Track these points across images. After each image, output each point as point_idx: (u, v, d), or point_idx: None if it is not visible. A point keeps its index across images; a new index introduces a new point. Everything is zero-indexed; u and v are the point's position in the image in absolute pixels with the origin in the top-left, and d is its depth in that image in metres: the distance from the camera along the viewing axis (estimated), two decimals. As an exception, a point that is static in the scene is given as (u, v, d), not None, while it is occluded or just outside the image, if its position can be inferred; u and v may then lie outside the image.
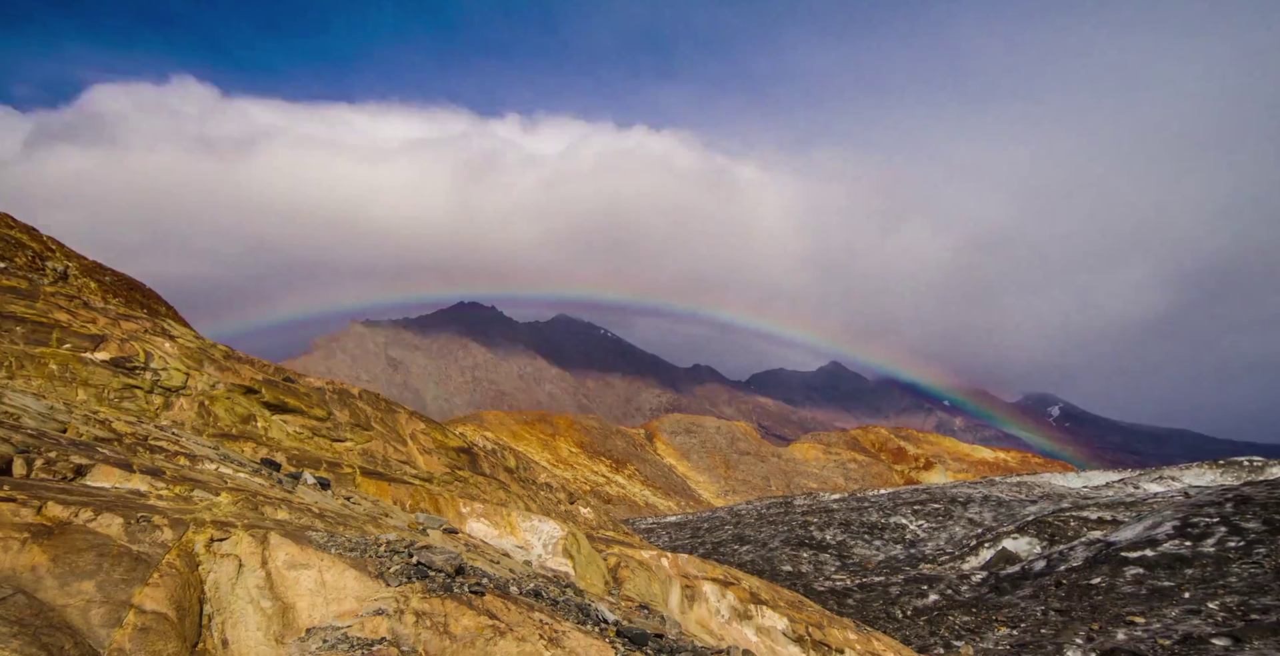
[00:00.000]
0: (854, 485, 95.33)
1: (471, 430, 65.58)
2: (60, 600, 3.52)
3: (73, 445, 5.60)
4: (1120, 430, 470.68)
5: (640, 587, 9.38)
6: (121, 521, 4.06)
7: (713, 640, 9.23)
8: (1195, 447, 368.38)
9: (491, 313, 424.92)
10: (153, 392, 9.76)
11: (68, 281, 14.80)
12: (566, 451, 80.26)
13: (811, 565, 25.83)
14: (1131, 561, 17.72)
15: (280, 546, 4.34)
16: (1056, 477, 42.22)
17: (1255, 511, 18.45)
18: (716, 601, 10.19)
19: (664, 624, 7.66)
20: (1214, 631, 12.77)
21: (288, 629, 4.00)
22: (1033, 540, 24.52)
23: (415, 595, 4.28)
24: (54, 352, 9.08)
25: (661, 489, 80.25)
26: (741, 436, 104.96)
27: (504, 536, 8.95)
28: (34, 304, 10.24)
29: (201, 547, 4.16)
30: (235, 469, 6.63)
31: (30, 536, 3.72)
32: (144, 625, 3.57)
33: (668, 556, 10.77)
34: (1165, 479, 38.00)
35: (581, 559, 8.95)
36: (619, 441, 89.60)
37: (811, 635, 10.11)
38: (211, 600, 3.98)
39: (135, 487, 4.99)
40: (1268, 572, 15.20)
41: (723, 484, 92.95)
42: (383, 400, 15.17)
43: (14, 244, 14.64)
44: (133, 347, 10.20)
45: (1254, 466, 38.03)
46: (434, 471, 13.52)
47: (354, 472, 9.97)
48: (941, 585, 20.92)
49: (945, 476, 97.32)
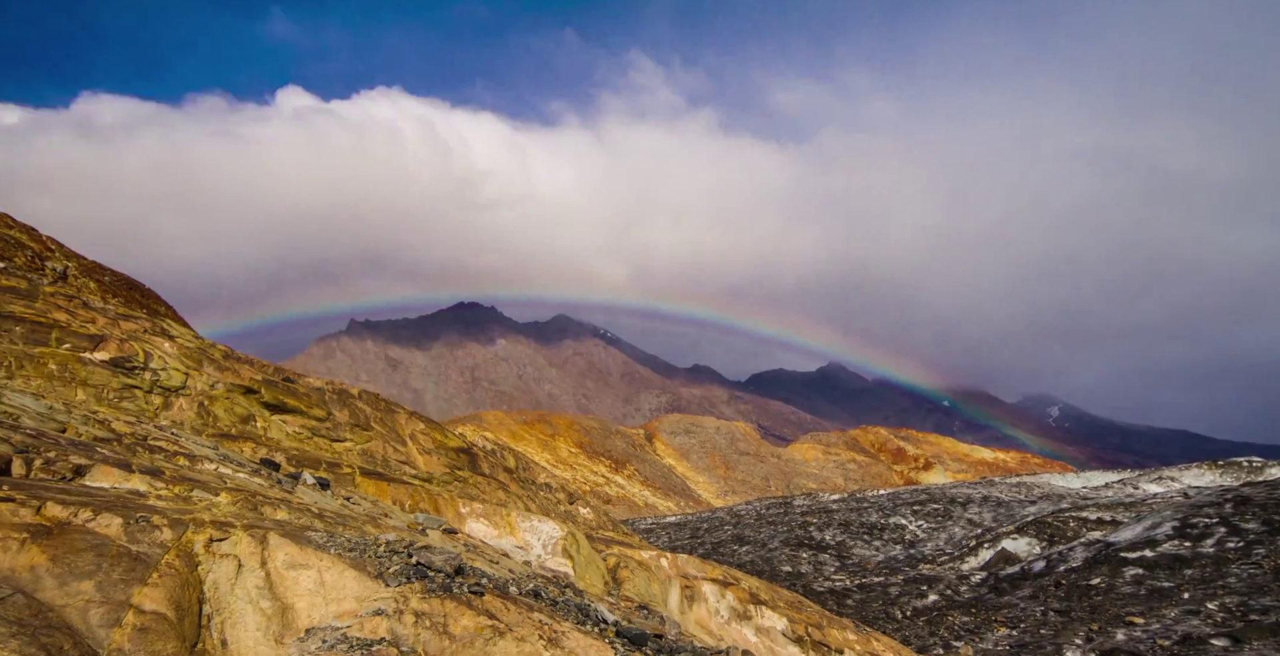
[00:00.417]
0: (853, 485, 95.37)
1: (471, 430, 65.60)
2: (59, 600, 3.52)
3: (72, 445, 5.60)
4: (1119, 430, 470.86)
5: (640, 588, 9.38)
6: (121, 521, 4.06)
7: (712, 640, 9.23)
8: (1194, 448, 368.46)
9: (491, 313, 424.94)
10: (152, 392, 9.76)
11: (67, 281, 14.80)
12: (566, 452, 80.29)
13: (811, 565, 25.84)
14: (1131, 562, 17.73)
15: (280, 546, 4.34)
16: (1056, 478, 42.27)
17: (1254, 512, 18.47)
18: (716, 601, 10.19)
19: (663, 624, 7.66)
20: (1213, 632, 12.78)
21: (287, 629, 4.00)
22: (1032, 540, 24.54)
23: (415, 595, 4.28)
24: (53, 352, 9.08)
25: (661, 489, 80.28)
26: (741, 437, 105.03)
27: (503, 537, 8.95)
28: (33, 304, 10.24)
29: (201, 548, 4.16)
30: (234, 469, 6.62)
31: (29, 536, 3.72)
32: (143, 625, 3.57)
33: (667, 556, 10.77)
34: (1164, 479, 38.05)
35: (581, 559, 8.95)
36: (618, 442, 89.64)
37: (811, 635, 10.11)
38: (211, 600, 3.98)
39: (134, 487, 4.99)
40: (1267, 573, 15.20)
41: (722, 484, 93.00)
42: (382, 400, 15.17)
43: (13, 244, 14.65)
44: (132, 347, 10.20)
45: (1253, 467, 38.08)
46: (433, 471, 13.52)
47: (353, 473, 9.97)
48: (941, 585, 20.93)
49: (945, 477, 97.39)
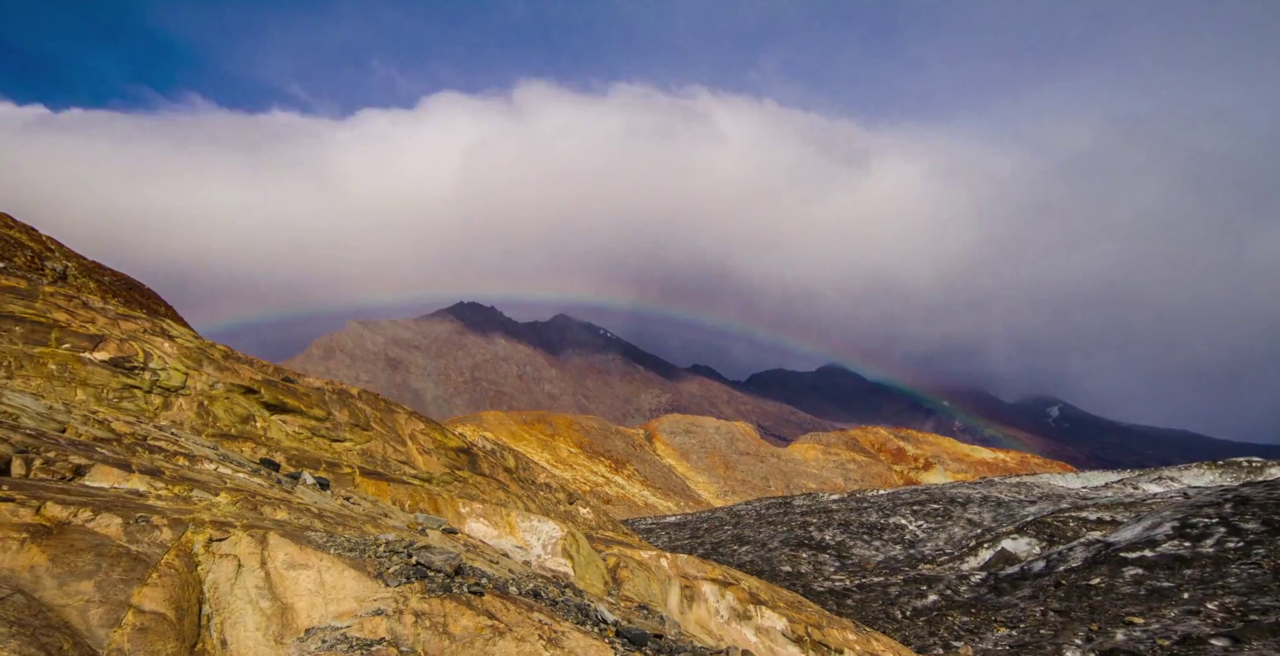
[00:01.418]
0: (853, 485, 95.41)
1: (471, 430, 65.57)
2: (59, 600, 3.52)
3: (71, 445, 5.60)
4: (1119, 431, 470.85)
5: (639, 588, 9.38)
6: (120, 521, 4.06)
7: (712, 640, 9.23)
8: (1194, 448, 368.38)
9: (491, 313, 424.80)
10: (152, 392, 9.76)
11: (67, 281, 14.80)
12: (566, 451, 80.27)
13: (811, 565, 25.84)
14: (1131, 562, 17.73)
15: (279, 546, 4.34)
16: (1055, 478, 42.28)
17: (1254, 512, 18.47)
18: (716, 601, 10.19)
19: (663, 624, 7.66)
20: (1213, 632, 12.78)
21: (287, 629, 4.00)
22: (1032, 541, 24.54)
23: (414, 595, 4.28)
24: (53, 352, 9.07)
25: (661, 489, 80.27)
26: (741, 437, 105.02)
27: (503, 536, 8.94)
28: (33, 304, 10.23)
29: (200, 548, 4.16)
30: (234, 469, 6.62)
31: (29, 536, 3.72)
32: (143, 625, 3.57)
33: (667, 556, 10.76)
34: (1164, 479, 38.06)
35: (581, 559, 8.95)
36: (618, 441, 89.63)
37: (811, 635, 10.11)
38: (210, 600, 3.98)
39: (134, 487, 4.99)
40: (1266, 573, 15.21)
41: (722, 484, 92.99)
42: (382, 400, 15.17)
43: (13, 243, 14.64)
44: (132, 347, 10.19)
45: (1253, 467, 38.10)
46: (433, 471, 13.51)
47: (353, 473, 9.96)
48: (941, 585, 20.93)
49: (944, 477, 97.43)
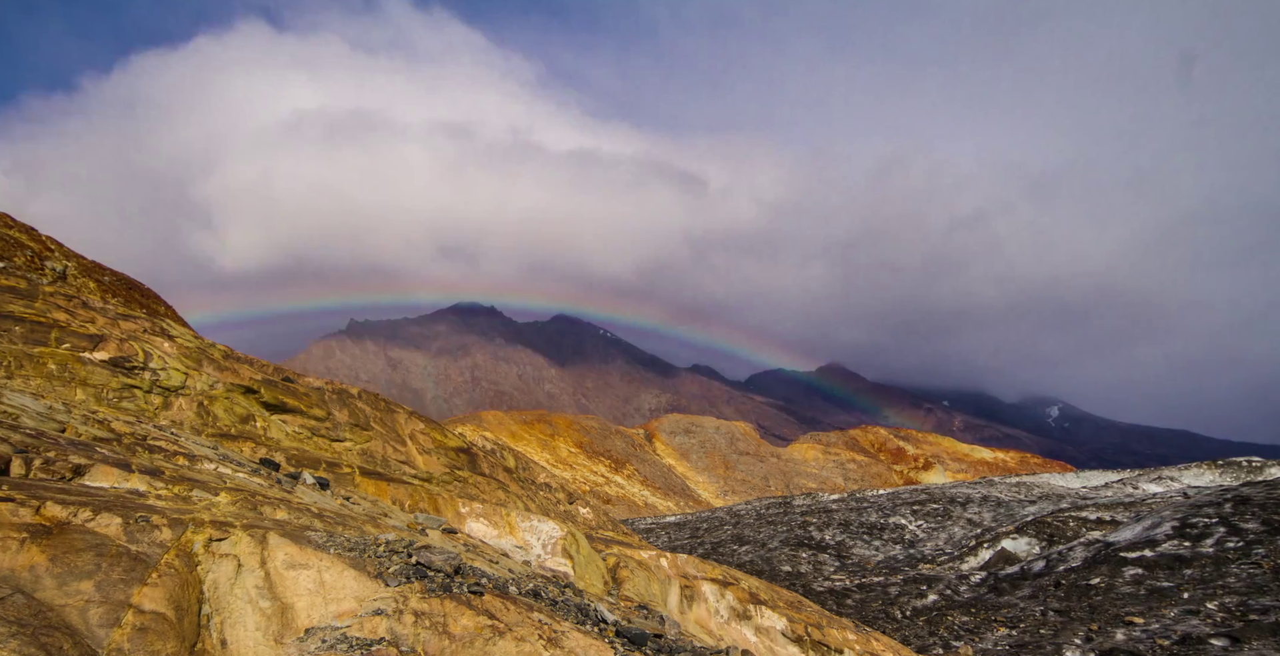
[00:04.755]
0: (853, 485, 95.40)
1: (471, 430, 65.56)
2: (59, 600, 3.52)
3: (71, 445, 5.60)
4: (1119, 430, 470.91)
5: (639, 588, 9.38)
6: (120, 521, 4.06)
7: (712, 640, 9.23)
8: (1194, 448, 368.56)
9: (491, 313, 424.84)
10: (151, 392, 9.75)
11: (67, 281, 14.79)
12: (566, 451, 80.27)
13: (811, 565, 25.84)
14: (1130, 562, 17.73)
15: (279, 546, 4.34)
16: (1055, 478, 42.28)
17: (1254, 512, 18.47)
18: (715, 601, 10.19)
19: (663, 624, 7.66)
20: (1213, 631, 12.78)
21: (286, 629, 3.99)
22: (1032, 540, 24.54)
23: (414, 595, 4.28)
24: (53, 352, 9.07)
25: (661, 489, 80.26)
26: (741, 436, 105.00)
27: (503, 536, 8.94)
28: (33, 303, 10.23)
29: (200, 547, 4.16)
30: (234, 469, 6.62)
31: (29, 536, 3.72)
32: (142, 625, 3.57)
33: (667, 556, 10.76)
34: (1164, 479, 38.06)
35: (581, 559, 8.95)
36: (618, 441, 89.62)
37: (810, 635, 10.11)
38: (210, 600, 3.98)
39: (134, 487, 4.99)
40: (1266, 573, 15.21)
41: (722, 484, 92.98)
42: (382, 400, 15.16)
43: (13, 243, 14.64)
44: (132, 347, 10.19)
45: (1253, 467, 38.10)
46: (433, 471, 13.51)
47: (353, 472, 9.96)
48: (940, 585, 20.93)
49: (944, 476, 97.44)
